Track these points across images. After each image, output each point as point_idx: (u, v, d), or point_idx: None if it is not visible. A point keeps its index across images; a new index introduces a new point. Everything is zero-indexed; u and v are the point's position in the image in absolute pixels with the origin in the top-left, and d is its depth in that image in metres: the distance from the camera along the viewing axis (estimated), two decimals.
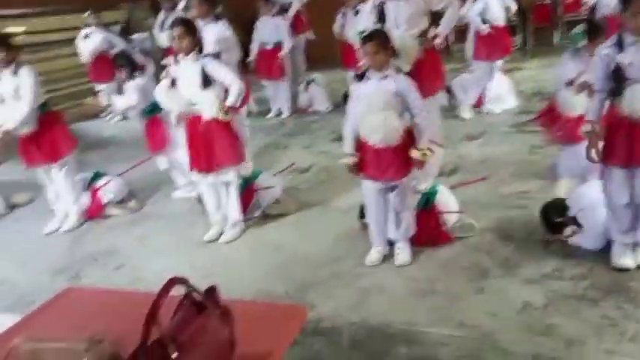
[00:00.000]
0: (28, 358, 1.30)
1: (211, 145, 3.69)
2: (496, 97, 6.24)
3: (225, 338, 1.39)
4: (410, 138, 3.18)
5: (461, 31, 7.07)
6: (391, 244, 3.42)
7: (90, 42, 7.47)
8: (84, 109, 8.62)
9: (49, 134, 4.19)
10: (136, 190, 4.85)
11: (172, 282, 1.26)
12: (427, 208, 3.51)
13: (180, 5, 6.49)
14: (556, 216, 3.28)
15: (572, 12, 9.34)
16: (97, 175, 4.65)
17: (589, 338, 2.53)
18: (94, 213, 4.52)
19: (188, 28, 3.64)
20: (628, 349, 2.44)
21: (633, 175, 2.85)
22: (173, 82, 3.70)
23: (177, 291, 1.36)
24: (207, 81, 3.62)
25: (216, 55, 3.88)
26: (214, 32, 4.27)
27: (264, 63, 7.00)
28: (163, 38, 7.63)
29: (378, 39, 3.10)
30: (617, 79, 2.75)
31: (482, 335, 2.61)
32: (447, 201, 3.59)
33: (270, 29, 6.90)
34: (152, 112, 4.51)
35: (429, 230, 3.46)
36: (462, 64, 7.32)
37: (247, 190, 4.12)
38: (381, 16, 3.89)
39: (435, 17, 4.06)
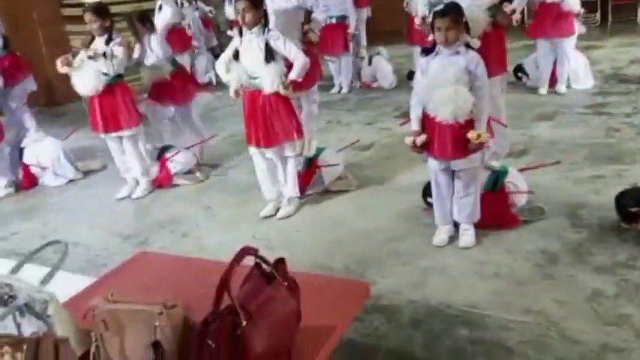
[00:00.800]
0: (105, 317, 1.36)
1: (270, 120, 3.69)
2: (572, 76, 5.93)
3: (292, 310, 1.40)
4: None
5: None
6: (456, 225, 3.35)
7: (162, 14, 7.62)
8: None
9: (121, 103, 4.34)
10: (202, 161, 4.97)
11: (245, 251, 1.28)
12: (496, 189, 3.41)
13: None
14: (632, 204, 3.11)
15: None
16: (166, 147, 4.78)
17: None
18: (163, 182, 4.68)
19: (252, 1, 3.61)
20: None
21: None
22: (236, 55, 3.72)
23: (246, 261, 1.38)
24: (270, 56, 3.60)
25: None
26: (279, 4, 4.25)
27: (327, 37, 6.94)
28: (230, 11, 7.75)
29: (452, 14, 2.99)
30: None
31: (548, 322, 2.53)
32: (516, 182, 3.47)
33: (333, 2, 6.82)
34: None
35: (496, 212, 3.36)
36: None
37: (310, 167, 4.14)
38: None
39: None
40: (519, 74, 6.34)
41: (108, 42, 4.25)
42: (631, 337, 2.39)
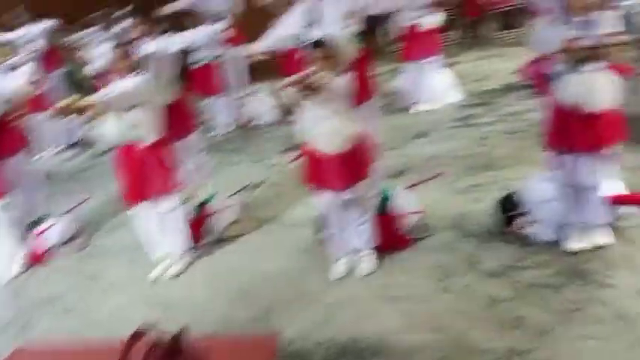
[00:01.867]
0: None
1: (146, 173, 3.54)
2: (440, 92, 6.29)
3: None
4: (362, 144, 3.14)
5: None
6: (353, 253, 3.35)
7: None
8: None
9: None
10: (81, 226, 4.61)
11: (138, 336, 1.14)
12: (384, 212, 3.47)
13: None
14: (511, 209, 3.30)
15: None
16: (39, 220, 4.39)
17: (559, 325, 2.54)
18: (39, 258, 4.26)
19: (124, 50, 3.54)
20: (598, 331, 2.47)
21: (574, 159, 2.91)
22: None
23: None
24: None
25: None
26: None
27: (202, 79, 6.86)
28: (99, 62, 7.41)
29: (325, 47, 3.07)
30: None
31: (456, 336, 2.59)
32: (402, 202, 3.56)
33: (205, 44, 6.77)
34: None
35: (388, 235, 3.42)
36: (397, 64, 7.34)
37: (201, 214, 3.99)
38: (315, 17, 3.79)
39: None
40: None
41: None
42: (533, 337, 2.49)
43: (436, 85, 6.29)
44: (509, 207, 3.31)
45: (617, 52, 2.80)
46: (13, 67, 5.17)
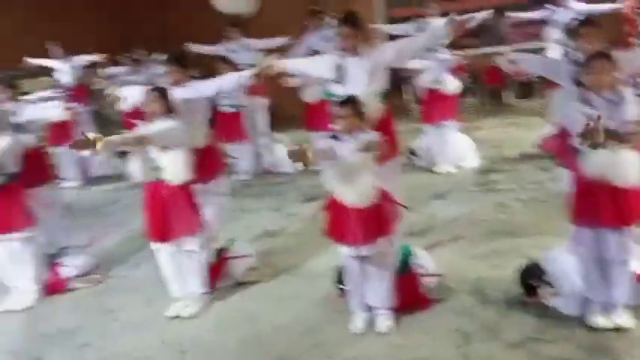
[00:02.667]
0: None
1: (170, 212, 3.60)
2: (459, 155, 6.39)
3: None
4: (384, 201, 3.19)
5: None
6: (371, 309, 3.35)
7: None
8: None
9: (13, 203, 4.03)
10: (99, 261, 4.64)
11: None
12: (404, 271, 3.48)
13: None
14: (532, 279, 3.30)
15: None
16: (60, 251, 4.43)
17: None
18: (56, 289, 4.28)
19: (160, 92, 3.69)
20: None
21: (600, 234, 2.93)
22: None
23: None
24: None
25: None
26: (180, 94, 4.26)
27: (225, 125, 7.03)
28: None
29: (353, 104, 3.16)
30: None
31: None
32: (423, 263, 3.58)
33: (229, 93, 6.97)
34: None
35: (407, 294, 3.42)
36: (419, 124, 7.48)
37: (220, 259, 4.02)
38: (341, 74, 3.89)
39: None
40: (410, 156, 6.71)
41: None
42: None
43: (455, 148, 6.41)
44: (532, 276, 3.31)
45: None
46: (45, 99, 5.36)
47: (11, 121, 4.49)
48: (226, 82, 4.54)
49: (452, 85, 6.34)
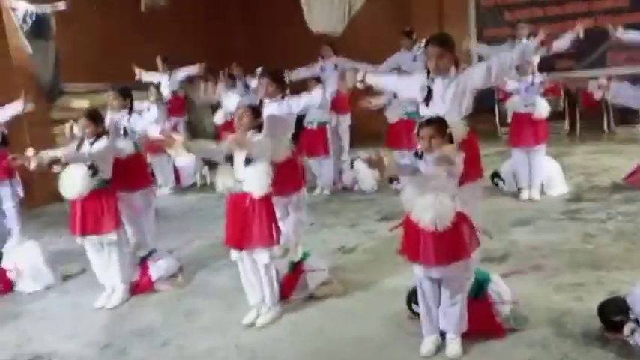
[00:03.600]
0: None
1: (249, 223, 3.74)
2: (546, 182, 6.17)
3: None
4: (461, 224, 3.16)
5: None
6: (442, 333, 3.32)
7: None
8: None
9: (104, 207, 4.34)
10: (184, 264, 4.92)
11: None
12: (480, 296, 3.42)
13: None
14: (615, 314, 3.14)
15: None
16: (151, 252, 4.74)
17: None
18: (143, 289, 4.58)
19: (252, 108, 3.91)
20: None
21: None
22: (230, 158, 3.82)
23: None
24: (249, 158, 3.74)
25: None
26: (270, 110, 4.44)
27: (309, 141, 7.23)
28: (220, 115, 8.03)
29: (436, 124, 3.18)
30: None
31: None
32: (499, 290, 3.50)
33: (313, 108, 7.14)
34: None
35: (481, 321, 3.35)
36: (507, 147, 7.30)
37: (295, 271, 4.14)
38: (427, 95, 3.88)
39: None
40: (495, 180, 6.56)
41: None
42: None
43: (543, 174, 6.19)
44: (615, 311, 3.15)
45: None
46: (145, 109, 5.77)
47: (120, 129, 4.93)
48: (314, 97, 4.69)
49: (542, 108, 6.15)
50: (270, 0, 11.57)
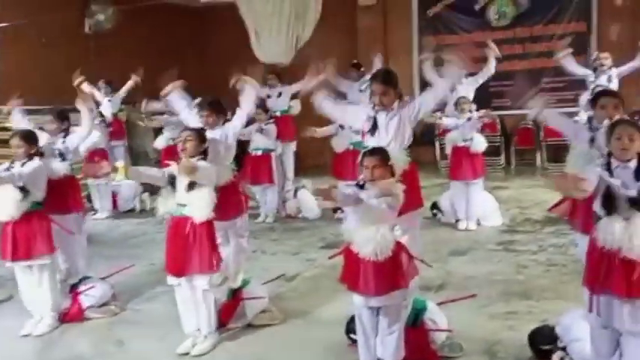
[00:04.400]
0: None
1: (190, 248, 3.67)
2: (482, 214, 6.38)
3: None
4: (400, 254, 3.21)
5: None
6: None
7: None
8: None
9: (36, 231, 4.14)
10: (118, 291, 4.73)
11: None
12: (416, 324, 3.46)
13: None
14: (545, 343, 3.25)
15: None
16: (81, 280, 4.54)
17: None
18: (73, 317, 4.36)
19: (198, 133, 3.88)
20: None
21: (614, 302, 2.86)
22: (172, 181, 3.76)
23: None
24: (192, 183, 3.67)
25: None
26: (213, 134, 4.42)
27: (253, 168, 7.22)
28: (161, 140, 7.91)
29: (380, 154, 3.24)
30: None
31: None
32: (435, 318, 3.55)
33: (259, 136, 7.17)
34: None
35: (417, 349, 3.39)
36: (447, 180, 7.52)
37: (234, 298, 4.06)
38: (372, 126, 3.97)
39: None
40: (434, 211, 6.73)
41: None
42: None
43: (479, 206, 6.40)
44: (545, 341, 3.25)
45: None
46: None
47: (55, 151, 4.75)
48: (242, 112, 4.70)
49: (480, 143, 6.40)
50: (220, 25, 11.57)
